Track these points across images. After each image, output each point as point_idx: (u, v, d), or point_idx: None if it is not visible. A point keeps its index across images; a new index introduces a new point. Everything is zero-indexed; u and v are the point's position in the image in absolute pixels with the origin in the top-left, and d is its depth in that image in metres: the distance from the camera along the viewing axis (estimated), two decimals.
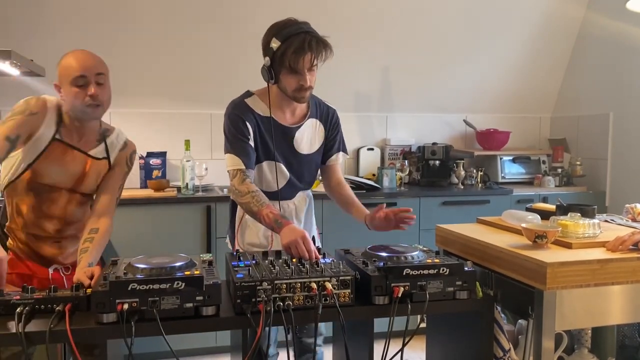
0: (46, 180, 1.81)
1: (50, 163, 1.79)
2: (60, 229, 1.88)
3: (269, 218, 1.86)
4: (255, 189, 1.94)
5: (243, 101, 2.03)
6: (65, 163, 1.83)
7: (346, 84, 3.71)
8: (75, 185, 1.87)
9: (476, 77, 3.96)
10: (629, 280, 1.59)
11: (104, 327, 1.39)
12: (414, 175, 3.88)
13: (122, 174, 1.96)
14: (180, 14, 3.29)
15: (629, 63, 3.58)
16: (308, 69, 1.91)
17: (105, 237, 1.84)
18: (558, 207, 2.03)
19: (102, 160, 1.90)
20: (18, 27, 3.10)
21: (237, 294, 1.47)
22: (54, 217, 1.86)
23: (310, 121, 2.11)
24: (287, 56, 1.86)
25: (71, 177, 1.85)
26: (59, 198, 1.85)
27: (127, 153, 1.97)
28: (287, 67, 1.88)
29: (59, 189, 1.84)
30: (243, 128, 1.98)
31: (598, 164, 3.81)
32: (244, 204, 1.94)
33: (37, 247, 1.87)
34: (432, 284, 1.58)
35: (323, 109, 2.16)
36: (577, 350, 1.96)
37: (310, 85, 1.95)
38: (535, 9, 3.80)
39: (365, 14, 3.55)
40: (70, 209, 1.88)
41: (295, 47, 1.85)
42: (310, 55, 1.87)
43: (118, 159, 1.94)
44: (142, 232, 2.96)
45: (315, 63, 1.91)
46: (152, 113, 3.50)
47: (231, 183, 1.98)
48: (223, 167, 3.54)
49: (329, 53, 1.92)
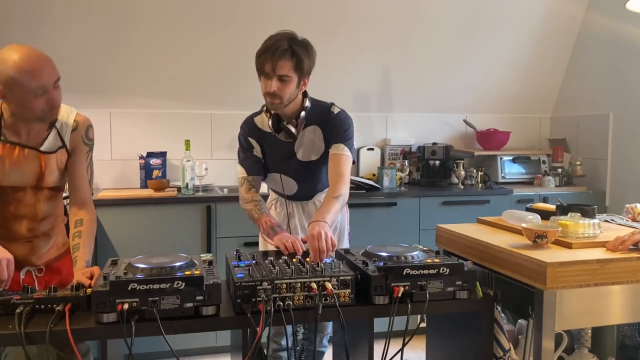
0: (5, 182, 1.74)
1: (4, 166, 1.73)
2: (31, 227, 1.81)
3: (267, 225, 2.02)
4: (259, 198, 2.12)
5: (252, 119, 2.19)
6: (19, 163, 1.74)
7: (346, 83, 3.71)
8: (38, 182, 1.78)
9: (476, 77, 3.96)
10: (629, 280, 1.59)
11: (104, 327, 1.39)
12: (414, 175, 3.88)
13: (83, 154, 1.85)
14: (180, 14, 3.29)
15: (629, 63, 3.58)
16: (277, 77, 1.96)
17: (92, 225, 1.82)
18: (558, 207, 2.03)
19: (57, 151, 1.79)
20: (18, 27, 3.10)
21: (237, 294, 1.47)
22: (24, 217, 1.79)
23: (310, 129, 2.14)
24: (257, 55, 2.00)
25: (30, 175, 1.76)
26: (24, 197, 1.78)
27: (82, 132, 1.84)
28: (258, 68, 2.01)
29: (23, 189, 1.77)
30: (248, 144, 2.16)
31: (598, 164, 3.80)
32: (247, 210, 2.12)
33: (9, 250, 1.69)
34: (432, 283, 1.59)
35: (324, 113, 2.15)
36: (577, 350, 1.96)
37: (276, 91, 1.97)
38: (535, 9, 3.80)
39: (365, 13, 3.54)
40: (39, 206, 1.81)
41: (261, 50, 1.98)
42: (271, 63, 1.94)
43: (73, 141, 1.82)
44: (142, 232, 2.96)
45: (283, 72, 1.95)
46: (152, 113, 3.50)
47: (239, 190, 2.17)
48: (223, 167, 3.59)
49: (304, 70, 1.99)
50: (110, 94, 3.39)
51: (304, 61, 1.98)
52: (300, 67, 1.98)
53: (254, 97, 3.48)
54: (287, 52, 1.95)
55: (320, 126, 2.14)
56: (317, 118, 2.13)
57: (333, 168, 2.07)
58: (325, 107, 2.17)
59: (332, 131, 2.12)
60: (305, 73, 2.02)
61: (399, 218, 3.33)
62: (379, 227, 3.26)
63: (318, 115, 2.13)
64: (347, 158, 2.08)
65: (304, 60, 1.98)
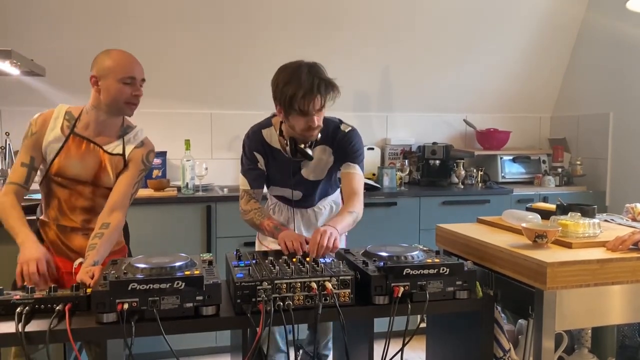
0: (68, 173, 1.92)
1: (69, 157, 1.92)
2: (88, 219, 1.96)
3: (270, 227, 2.03)
4: (258, 206, 2.12)
5: (259, 131, 2.14)
6: (83, 156, 1.93)
7: (346, 83, 3.66)
8: (95, 178, 1.95)
9: (476, 77, 3.96)
10: (629, 280, 1.59)
11: (104, 327, 1.39)
12: (414, 175, 3.88)
13: (137, 170, 1.99)
14: (181, 14, 3.29)
15: (629, 63, 3.58)
16: (317, 111, 1.93)
17: (115, 232, 1.89)
18: (558, 206, 2.03)
19: (116, 156, 1.97)
20: (18, 27, 3.10)
21: (237, 294, 1.47)
22: (82, 209, 1.96)
23: (320, 148, 2.12)
24: (297, 100, 1.88)
25: (89, 170, 1.93)
26: (84, 190, 1.95)
27: (144, 151, 2.02)
28: (296, 110, 1.91)
29: (83, 182, 1.94)
30: (253, 157, 2.14)
31: (598, 163, 3.80)
32: (249, 220, 2.12)
33: (67, 239, 1.96)
34: (432, 283, 1.59)
35: (334, 132, 2.13)
36: (577, 350, 1.96)
37: (319, 125, 1.97)
38: (535, 9, 3.80)
39: (365, 13, 3.54)
40: (97, 201, 1.96)
41: (304, 91, 1.88)
42: (320, 98, 1.91)
43: (133, 155, 1.99)
44: (142, 232, 2.95)
45: (323, 104, 1.94)
46: (152, 113, 3.49)
47: (239, 202, 2.16)
48: (223, 167, 3.59)
49: (336, 93, 1.96)
50: None
51: (335, 86, 1.96)
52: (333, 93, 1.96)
53: (253, 97, 3.50)
54: (328, 86, 1.92)
55: (329, 145, 2.13)
56: (325, 136, 2.11)
57: (347, 186, 2.11)
58: (334, 125, 2.14)
59: (343, 152, 2.13)
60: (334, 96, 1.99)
61: (399, 218, 3.33)
62: (379, 227, 3.26)
63: (327, 134, 2.11)
64: (360, 177, 2.12)
65: (335, 85, 1.96)
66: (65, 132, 1.93)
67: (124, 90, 1.88)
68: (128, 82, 1.89)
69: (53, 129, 1.93)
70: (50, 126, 1.93)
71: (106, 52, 1.94)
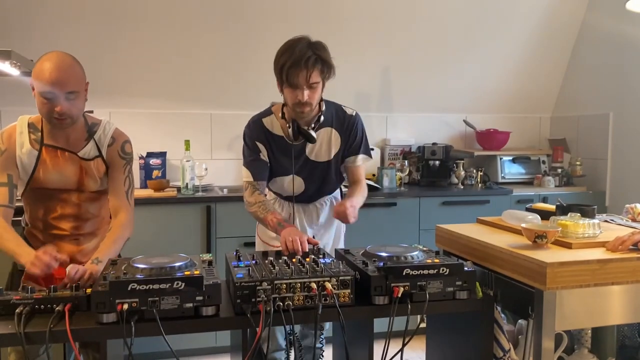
0: (50, 185, 1.87)
1: (47, 170, 1.86)
2: (77, 225, 1.94)
3: (273, 222, 2.03)
4: (263, 198, 2.12)
5: (260, 120, 2.15)
6: (60, 166, 1.88)
7: (346, 84, 3.71)
8: (80, 185, 1.91)
9: (476, 77, 3.96)
10: (629, 280, 1.59)
11: (104, 327, 1.39)
12: (414, 175, 3.88)
13: (120, 167, 1.96)
14: (181, 14, 3.29)
15: (629, 63, 3.58)
16: (307, 85, 1.94)
17: (118, 231, 1.89)
18: (558, 207, 2.03)
19: (95, 160, 1.92)
20: (18, 27, 3.10)
21: (237, 294, 1.47)
22: (69, 216, 1.93)
23: (324, 130, 2.14)
24: (285, 70, 1.93)
25: (72, 177, 1.89)
26: (69, 198, 1.91)
27: (118, 147, 1.96)
28: (285, 80, 1.95)
29: (67, 190, 1.90)
30: (255, 147, 2.13)
31: (598, 164, 3.80)
32: (253, 213, 2.13)
33: (57, 247, 1.90)
34: (432, 284, 1.58)
35: (340, 115, 2.18)
36: (577, 350, 1.96)
37: (308, 100, 1.97)
38: (535, 9, 3.80)
39: (365, 14, 3.54)
40: (83, 207, 1.94)
41: (292, 62, 1.92)
42: (306, 72, 1.92)
43: (110, 155, 1.94)
44: (142, 232, 2.94)
45: (314, 80, 1.95)
46: (152, 113, 3.50)
47: (243, 194, 2.16)
48: (223, 167, 3.59)
49: (328, 72, 2.00)
50: (110, 94, 3.39)
51: (329, 65, 1.99)
52: (326, 71, 2.00)
53: (253, 97, 3.50)
54: (318, 61, 1.95)
55: (335, 128, 2.16)
56: (331, 119, 2.15)
57: (351, 176, 2.24)
58: (338, 108, 2.19)
59: (349, 137, 2.17)
60: (328, 76, 2.03)
61: (398, 218, 3.33)
62: (378, 228, 3.26)
63: (332, 117, 2.15)
64: (362, 168, 2.25)
65: (329, 64, 1.99)
66: (35, 146, 1.84)
67: (43, 105, 1.73)
68: (48, 96, 1.71)
69: (22, 145, 1.84)
70: (19, 142, 1.84)
71: (40, 58, 1.77)
